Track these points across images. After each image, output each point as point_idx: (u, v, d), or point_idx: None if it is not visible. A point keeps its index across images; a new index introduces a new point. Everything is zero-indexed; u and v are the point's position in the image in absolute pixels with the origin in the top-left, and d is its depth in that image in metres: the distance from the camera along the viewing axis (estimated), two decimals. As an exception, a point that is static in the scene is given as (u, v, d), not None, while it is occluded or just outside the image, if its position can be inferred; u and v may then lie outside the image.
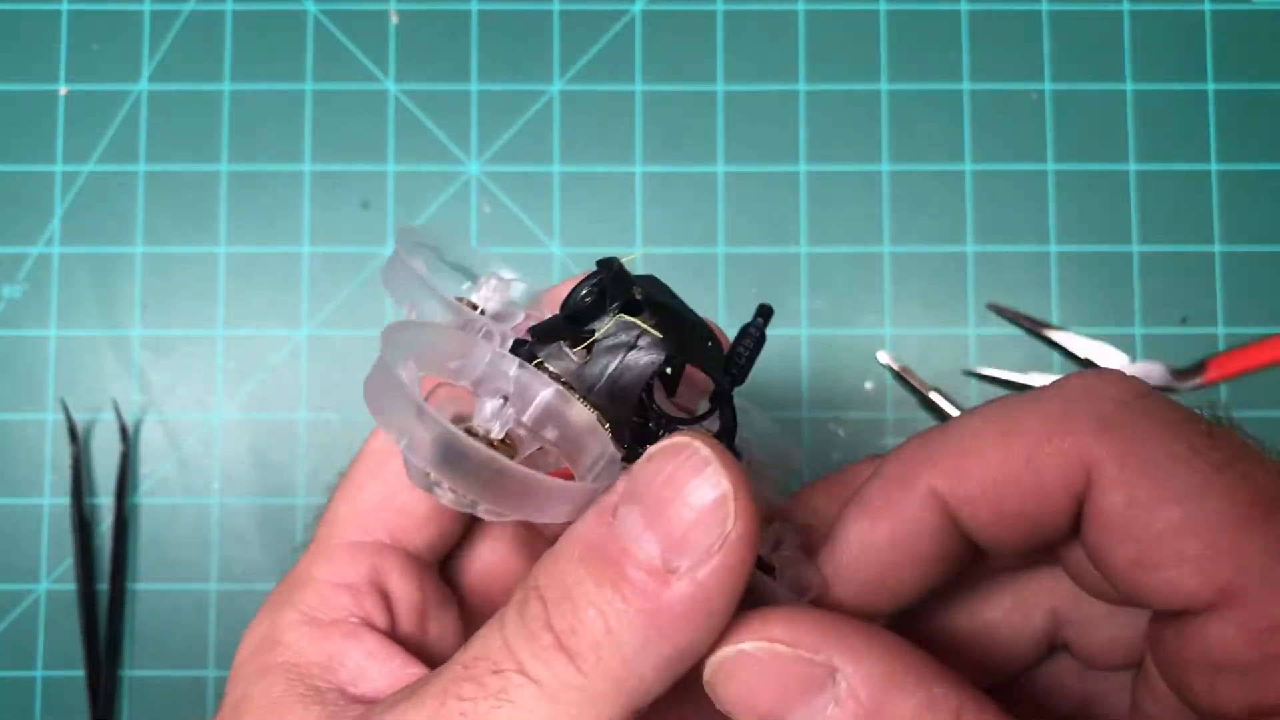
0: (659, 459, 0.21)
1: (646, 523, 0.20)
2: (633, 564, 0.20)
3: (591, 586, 0.21)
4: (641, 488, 0.21)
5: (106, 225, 0.52)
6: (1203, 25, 0.53)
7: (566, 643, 0.21)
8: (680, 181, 0.52)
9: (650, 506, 0.20)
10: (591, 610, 0.20)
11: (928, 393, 0.51)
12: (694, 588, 0.20)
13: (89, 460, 0.51)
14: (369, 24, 0.53)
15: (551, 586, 0.21)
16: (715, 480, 0.20)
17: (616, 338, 0.24)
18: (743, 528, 0.20)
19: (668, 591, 0.20)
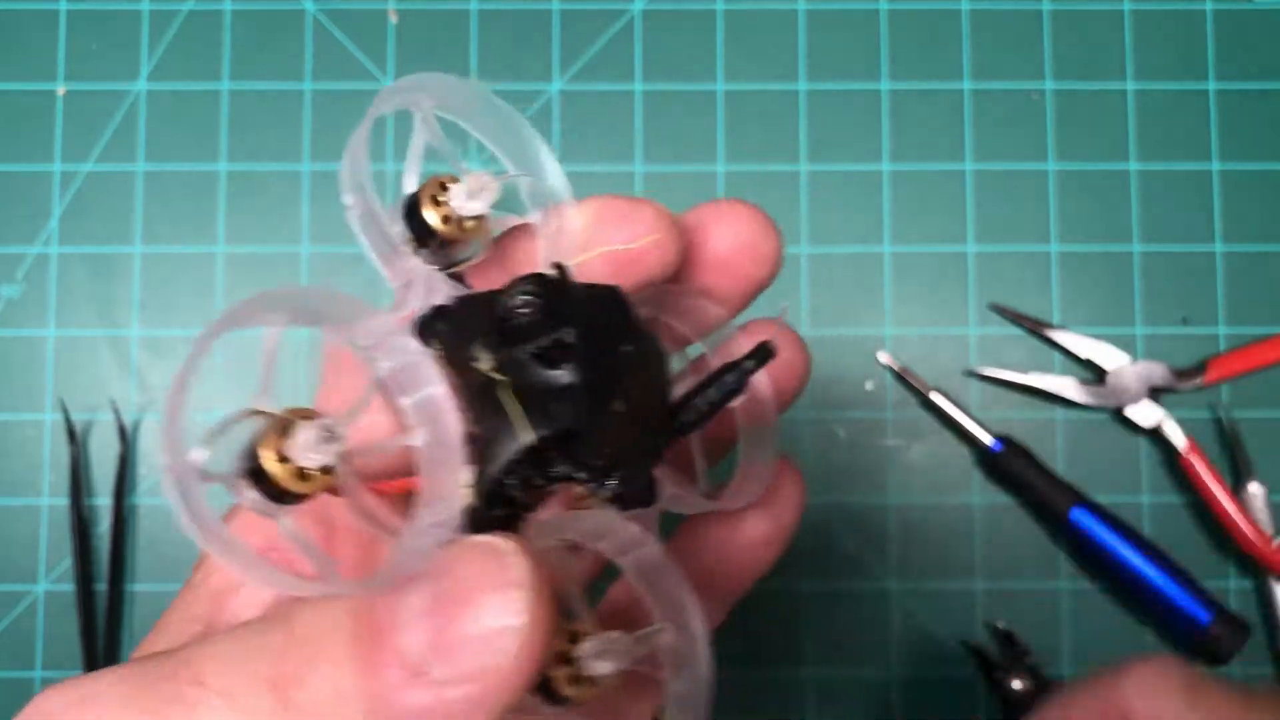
0: (470, 556, 0.18)
1: (426, 611, 0.18)
2: (391, 649, 0.18)
3: (342, 646, 0.18)
4: (442, 573, 0.18)
5: (105, 225, 0.52)
6: (1203, 25, 0.53)
7: (284, 688, 0.18)
8: (681, 181, 0.52)
9: (439, 596, 0.18)
10: (327, 669, 0.18)
11: (928, 393, 0.50)
12: (433, 702, 0.18)
13: (87, 460, 0.51)
14: (368, 23, 0.53)
15: (305, 625, 0.19)
16: (515, 609, 0.18)
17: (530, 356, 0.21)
18: (514, 669, 0.18)
19: (405, 694, 0.18)
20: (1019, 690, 0.48)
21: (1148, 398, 0.50)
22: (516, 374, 0.20)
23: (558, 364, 0.20)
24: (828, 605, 0.50)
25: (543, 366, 0.20)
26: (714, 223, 0.25)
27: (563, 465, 0.21)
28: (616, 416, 0.21)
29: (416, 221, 0.22)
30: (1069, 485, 0.50)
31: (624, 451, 0.21)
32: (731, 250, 0.25)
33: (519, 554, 0.18)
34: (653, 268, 0.24)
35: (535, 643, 0.18)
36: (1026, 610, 0.50)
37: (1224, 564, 0.51)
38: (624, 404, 0.21)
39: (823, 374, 0.51)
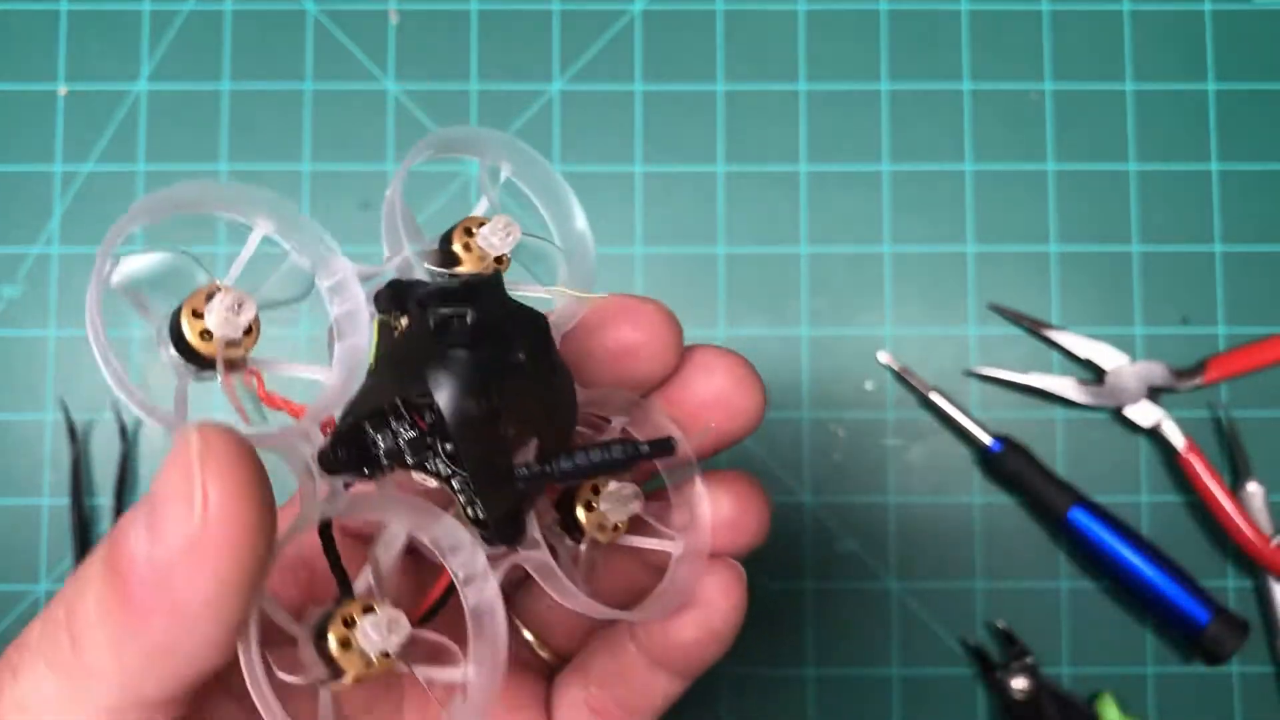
0: (176, 439, 0.20)
1: (145, 509, 0.19)
2: (120, 549, 0.19)
3: (97, 569, 0.20)
4: (159, 473, 0.20)
5: (106, 225, 0.51)
6: (1203, 25, 0.53)
7: (70, 622, 0.20)
8: (680, 181, 0.52)
9: (150, 493, 0.19)
10: (89, 593, 0.20)
11: (928, 393, 0.51)
12: (157, 578, 0.19)
13: (89, 460, 0.51)
14: (369, 24, 0.53)
15: (83, 565, 0.21)
16: (191, 467, 0.19)
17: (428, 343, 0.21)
18: (216, 518, 0.19)
19: (136, 582, 0.19)
20: (1018, 690, 0.48)
21: (1147, 397, 0.50)
22: (416, 335, 0.22)
23: (449, 334, 0.21)
24: (827, 604, 0.51)
25: (439, 334, 0.21)
26: (698, 370, 0.26)
27: (441, 464, 0.22)
28: (493, 430, 0.21)
29: (445, 251, 0.24)
30: (1068, 485, 0.50)
31: (491, 475, 0.22)
32: (711, 402, 0.26)
33: (192, 427, 0.19)
34: (651, 366, 0.25)
35: (223, 498, 0.19)
36: (1026, 610, 0.50)
37: (1223, 563, 0.51)
38: (512, 421, 0.22)
39: (822, 374, 0.52)
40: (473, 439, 0.21)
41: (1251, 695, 0.50)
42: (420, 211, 0.52)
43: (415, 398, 0.21)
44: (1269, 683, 0.50)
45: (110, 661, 0.19)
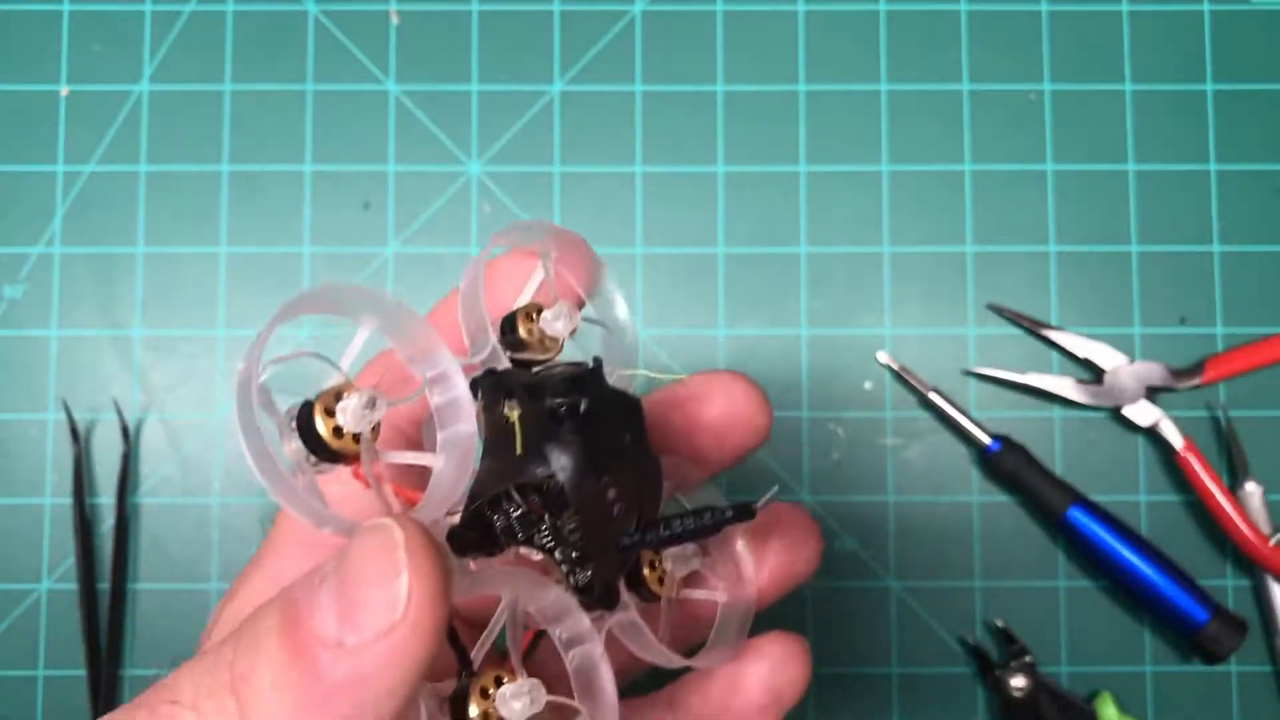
0: (362, 536, 0.21)
1: (335, 593, 0.21)
2: (309, 629, 0.21)
3: (274, 640, 0.21)
4: (343, 558, 0.21)
5: (107, 225, 0.52)
6: (1202, 25, 0.53)
7: (238, 688, 0.21)
8: (680, 181, 0.52)
9: (341, 578, 0.21)
10: (265, 663, 0.21)
11: (927, 393, 0.51)
12: (353, 666, 0.20)
13: (90, 460, 0.51)
14: (369, 24, 0.53)
15: (248, 631, 0.21)
16: (396, 567, 0.20)
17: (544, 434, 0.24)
18: (413, 620, 0.20)
19: (328, 665, 0.20)
20: (1017, 688, 0.48)
21: (1145, 397, 0.50)
22: (530, 422, 0.24)
23: (564, 421, 0.24)
24: (827, 603, 0.51)
25: (553, 422, 0.24)
26: (712, 393, 0.29)
27: (547, 537, 0.24)
28: (604, 503, 0.24)
29: (510, 335, 0.27)
30: (1067, 484, 0.50)
31: (601, 544, 0.24)
32: (726, 420, 0.29)
33: (390, 523, 0.21)
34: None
35: (423, 595, 0.20)
36: (1024, 608, 0.51)
37: (1221, 563, 0.51)
38: (615, 493, 0.24)
39: (822, 374, 0.52)
40: (591, 512, 0.24)
41: (1250, 694, 0.50)
42: (421, 212, 0.52)
43: (536, 478, 0.24)
44: (1267, 682, 0.50)
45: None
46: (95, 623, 0.49)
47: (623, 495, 0.24)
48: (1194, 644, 0.48)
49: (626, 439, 0.24)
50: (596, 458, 0.23)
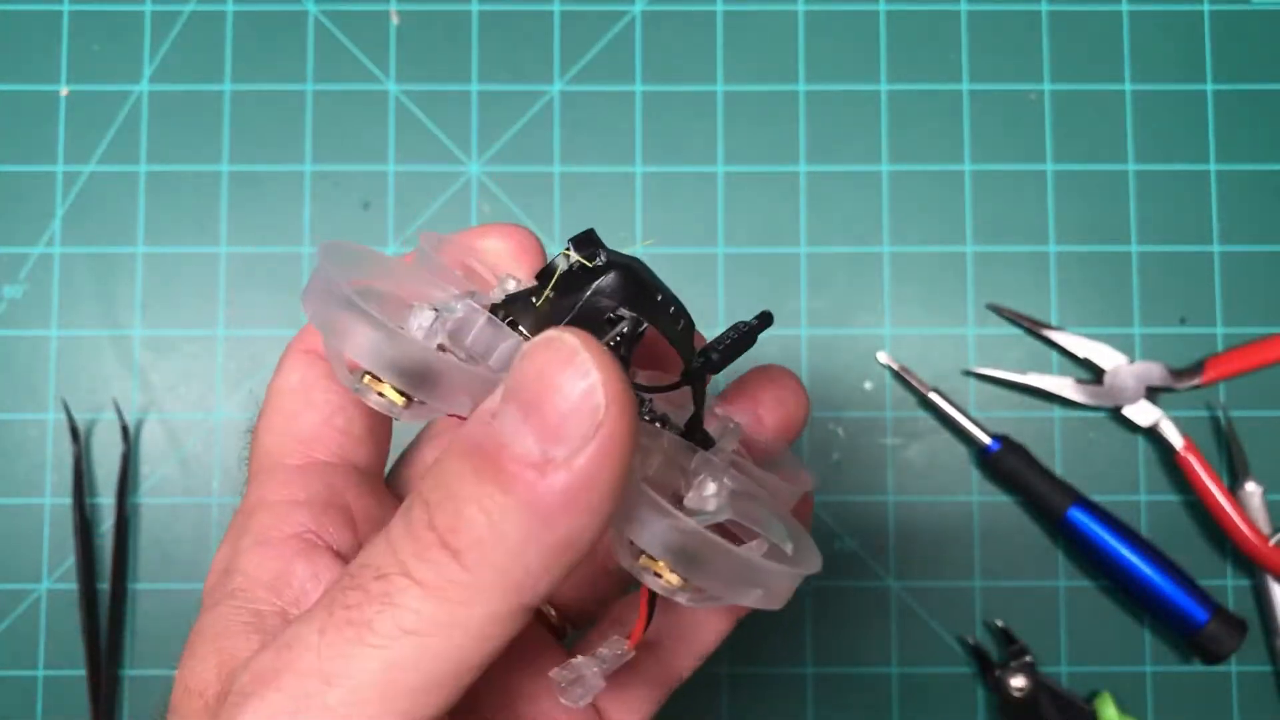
0: (531, 355, 0.21)
1: (523, 416, 0.20)
2: (510, 457, 0.20)
3: (472, 483, 0.21)
4: (516, 384, 0.21)
5: (107, 225, 0.52)
6: (1202, 25, 0.53)
7: (449, 540, 0.21)
8: (680, 181, 0.52)
9: (524, 401, 0.20)
10: (473, 506, 0.20)
11: (927, 393, 0.51)
12: (571, 475, 0.20)
13: (90, 460, 0.51)
14: (369, 24, 0.53)
15: (435, 489, 0.21)
16: (584, 370, 0.20)
17: (580, 290, 0.25)
18: (616, 414, 0.20)
19: (545, 481, 0.20)
20: (1017, 688, 0.48)
21: (1145, 397, 0.50)
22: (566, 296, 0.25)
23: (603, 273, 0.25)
24: (826, 603, 0.51)
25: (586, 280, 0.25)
26: (766, 390, 0.30)
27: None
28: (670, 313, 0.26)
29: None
30: (1067, 484, 0.50)
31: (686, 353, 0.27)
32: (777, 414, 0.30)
33: (560, 333, 0.21)
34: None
35: (616, 385, 0.20)
36: (1024, 608, 0.51)
37: (1221, 563, 0.51)
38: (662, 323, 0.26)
39: (822, 374, 0.52)
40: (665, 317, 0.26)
41: (1249, 694, 0.50)
42: (421, 212, 0.52)
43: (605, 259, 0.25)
44: (1267, 682, 0.50)
45: (508, 567, 0.20)
46: (95, 623, 0.49)
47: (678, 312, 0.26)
48: (1194, 644, 0.48)
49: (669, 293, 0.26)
50: (639, 307, 0.25)
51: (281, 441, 0.28)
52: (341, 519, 0.27)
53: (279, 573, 0.25)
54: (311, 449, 0.28)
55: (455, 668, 0.21)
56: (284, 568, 0.25)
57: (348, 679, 0.20)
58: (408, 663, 0.20)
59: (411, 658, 0.20)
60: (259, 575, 0.25)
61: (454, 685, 0.21)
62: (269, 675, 0.21)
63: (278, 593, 0.25)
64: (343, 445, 0.28)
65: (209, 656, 0.24)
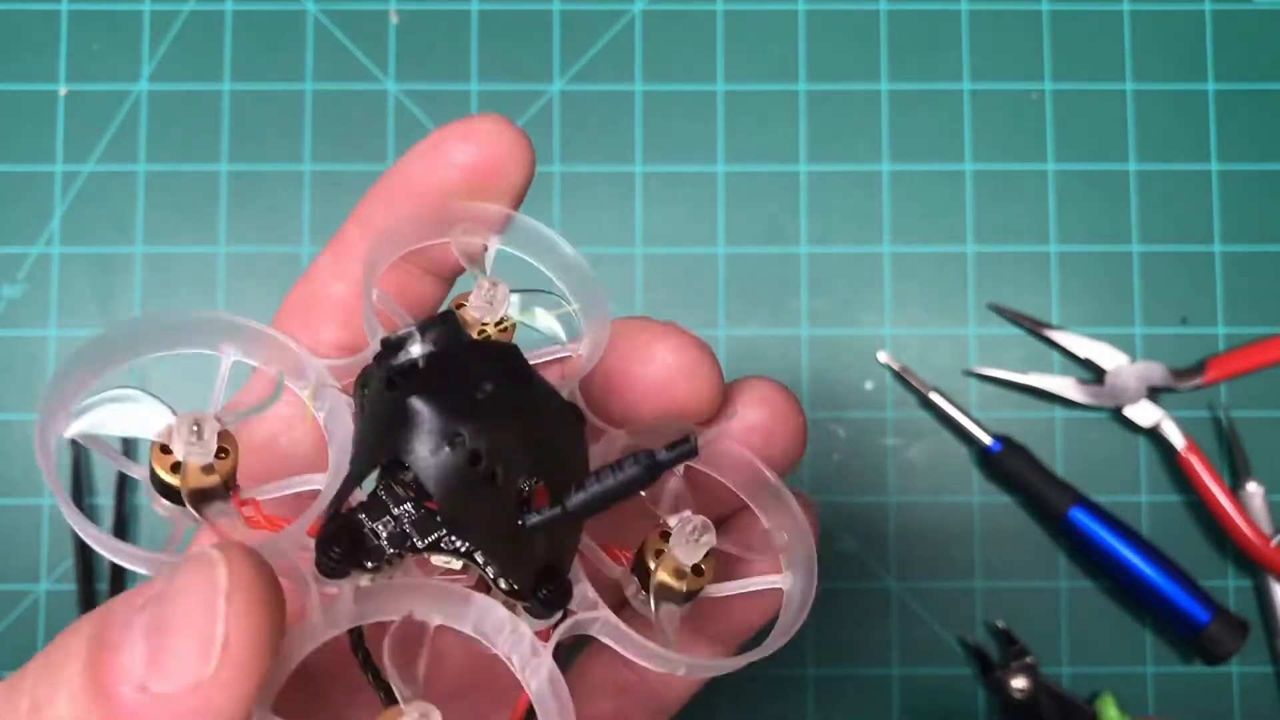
0: (184, 570, 0.18)
1: (146, 631, 0.18)
2: (116, 668, 0.18)
3: (77, 671, 0.19)
4: (162, 589, 0.19)
5: (106, 225, 0.52)
6: (1203, 25, 0.53)
7: (39, 715, 0.19)
8: (680, 181, 0.52)
9: (155, 615, 0.18)
10: (64, 695, 0.18)
11: (928, 393, 0.51)
12: (155, 715, 0.18)
13: (89, 460, 0.51)
14: (369, 24, 0.53)
15: (58, 649, 0.19)
16: (211, 614, 0.18)
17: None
18: (225, 679, 0.18)
19: (129, 710, 0.18)
20: (1018, 689, 0.48)
21: (1146, 397, 0.50)
22: (375, 404, 0.20)
23: (402, 386, 0.20)
24: (827, 604, 0.51)
25: (390, 389, 0.20)
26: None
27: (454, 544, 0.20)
28: (492, 486, 0.19)
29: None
30: (1068, 485, 0.50)
31: (505, 531, 0.20)
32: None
33: (217, 558, 0.18)
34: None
35: (243, 647, 0.18)
36: (1025, 609, 0.50)
37: (1223, 563, 0.51)
38: (506, 469, 0.19)
39: (822, 374, 0.52)
40: (458, 496, 0.19)
41: (1251, 695, 0.50)
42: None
43: (396, 468, 0.20)
44: (1269, 683, 0.50)
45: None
46: (94, 623, 0.49)
47: (511, 468, 0.19)
48: (1195, 645, 0.48)
49: (487, 388, 0.19)
50: (449, 421, 0.19)
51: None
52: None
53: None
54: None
55: None
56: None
57: None
58: None
59: None
60: None
61: None
62: None
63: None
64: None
65: None
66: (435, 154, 0.24)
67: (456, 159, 0.24)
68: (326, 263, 0.26)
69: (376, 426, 0.20)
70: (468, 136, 0.24)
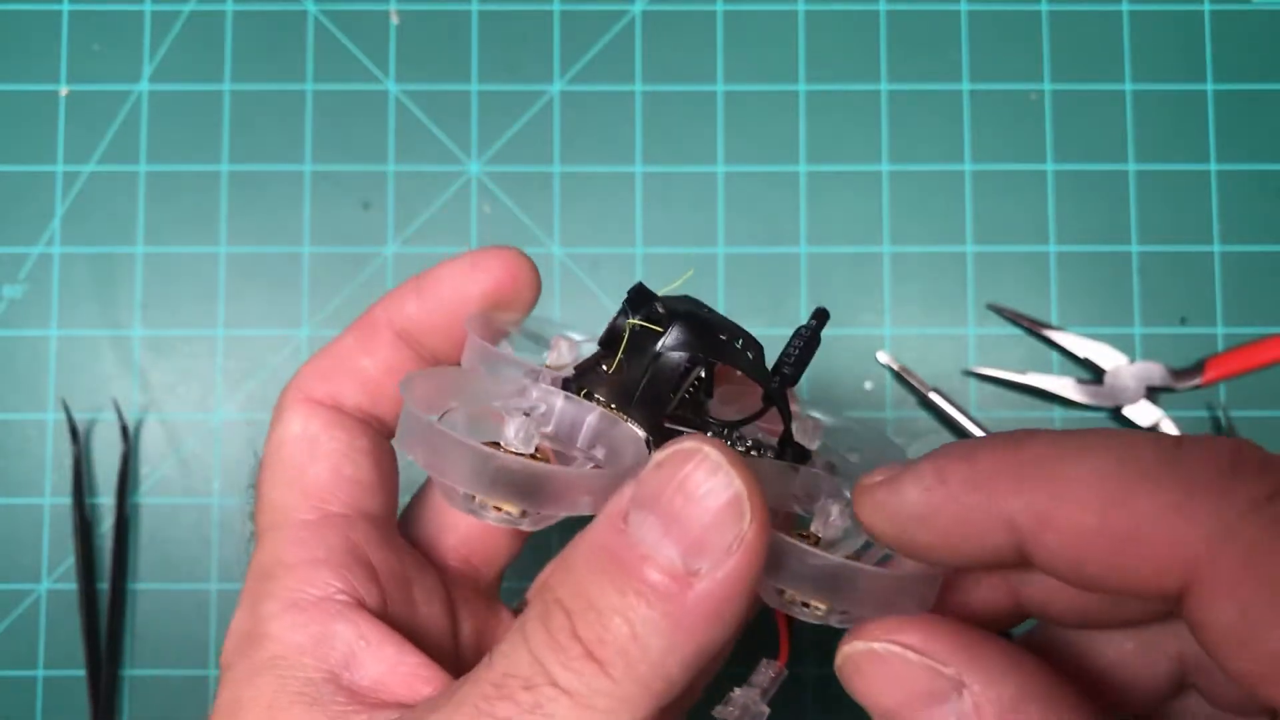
0: (669, 465, 0.21)
1: (664, 528, 0.21)
2: (654, 569, 0.21)
3: (614, 595, 0.21)
4: (653, 493, 0.21)
5: (107, 225, 0.52)
6: (1202, 25, 0.53)
7: (595, 651, 0.21)
8: (680, 181, 0.52)
9: (665, 512, 0.21)
10: (618, 618, 0.21)
11: (927, 393, 0.51)
12: (715, 586, 0.21)
13: (90, 460, 0.51)
14: (369, 24, 0.53)
15: (573, 597, 0.22)
16: (727, 482, 0.21)
17: (645, 350, 0.25)
18: (758, 526, 0.21)
19: (691, 593, 0.21)
20: None
21: (1145, 398, 0.50)
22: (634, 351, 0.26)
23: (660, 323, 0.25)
24: (827, 604, 0.51)
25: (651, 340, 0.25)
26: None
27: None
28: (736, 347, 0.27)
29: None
30: (1067, 484, 0.50)
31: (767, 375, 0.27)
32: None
33: (700, 444, 0.21)
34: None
35: (757, 497, 0.21)
36: (1025, 609, 0.50)
37: (1221, 563, 0.51)
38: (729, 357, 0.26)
39: (823, 374, 0.52)
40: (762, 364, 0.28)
41: (1250, 694, 0.50)
42: (421, 212, 0.52)
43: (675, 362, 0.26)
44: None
45: (651, 677, 0.21)
46: (95, 623, 0.49)
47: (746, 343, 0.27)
48: (1194, 644, 0.48)
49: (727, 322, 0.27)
50: (704, 347, 0.26)
51: (290, 496, 0.27)
52: (366, 574, 0.26)
53: (319, 637, 0.25)
54: (324, 502, 0.27)
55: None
56: (322, 631, 0.25)
57: None
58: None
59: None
60: (296, 640, 0.25)
61: None
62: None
63: (322, 658, 0.25)
64: (354, 495, 0.28)
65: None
66: (469, 270, 0.29)
67: (484, 276, 0.29)
68: (353, 341, 0.29)
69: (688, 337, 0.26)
70: (494, 260, 0.29)
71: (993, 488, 0.22)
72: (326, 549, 0.26)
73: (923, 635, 0.22)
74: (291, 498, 0.27)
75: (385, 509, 0.29)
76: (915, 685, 0.22)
